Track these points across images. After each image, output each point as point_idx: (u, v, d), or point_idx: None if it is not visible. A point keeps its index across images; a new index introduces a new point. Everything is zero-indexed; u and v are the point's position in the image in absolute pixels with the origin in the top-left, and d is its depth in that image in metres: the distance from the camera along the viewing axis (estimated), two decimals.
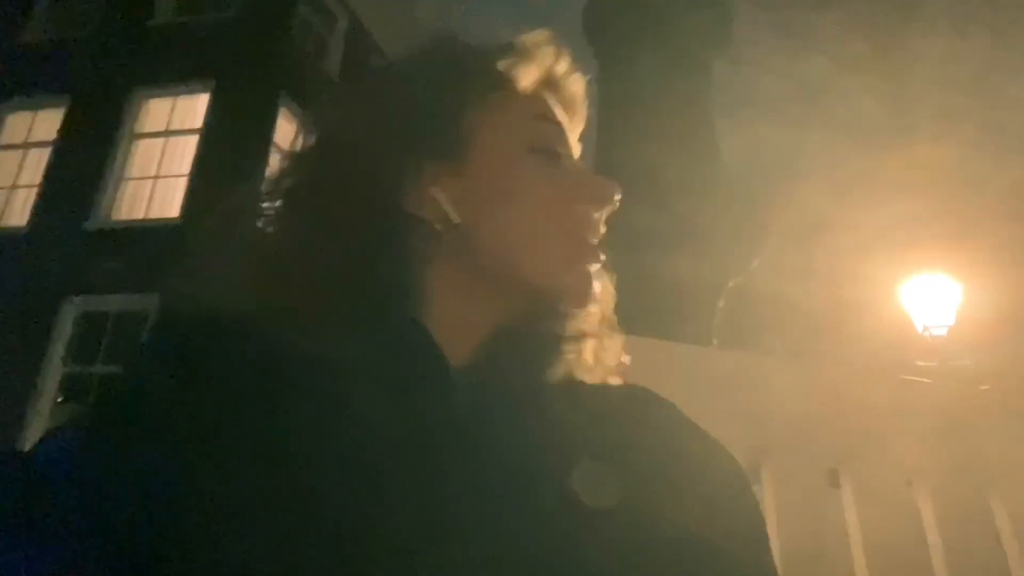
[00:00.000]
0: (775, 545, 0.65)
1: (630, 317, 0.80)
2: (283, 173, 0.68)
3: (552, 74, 0.73)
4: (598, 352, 0.70)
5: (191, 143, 10.56)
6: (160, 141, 10.86)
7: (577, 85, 0.75)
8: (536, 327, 0.66)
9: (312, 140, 0.71)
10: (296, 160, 0.69)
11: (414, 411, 0.57)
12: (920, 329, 7.74)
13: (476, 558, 0.52)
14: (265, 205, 0.68)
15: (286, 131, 10.73)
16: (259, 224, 0.69)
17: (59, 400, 9.42)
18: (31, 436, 8.65)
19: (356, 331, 0.60)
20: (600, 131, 2.82)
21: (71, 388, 9.48)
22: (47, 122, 11.34)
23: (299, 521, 0.50)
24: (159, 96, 11.03)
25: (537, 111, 0.70)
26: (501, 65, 0.70)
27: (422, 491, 0.53)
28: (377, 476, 0.53)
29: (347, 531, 0.51)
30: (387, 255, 0.62)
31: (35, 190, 10.96)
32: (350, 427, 0.55)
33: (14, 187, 11.24)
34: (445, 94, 0.68)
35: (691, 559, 0.56)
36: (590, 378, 0.68)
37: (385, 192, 0.64)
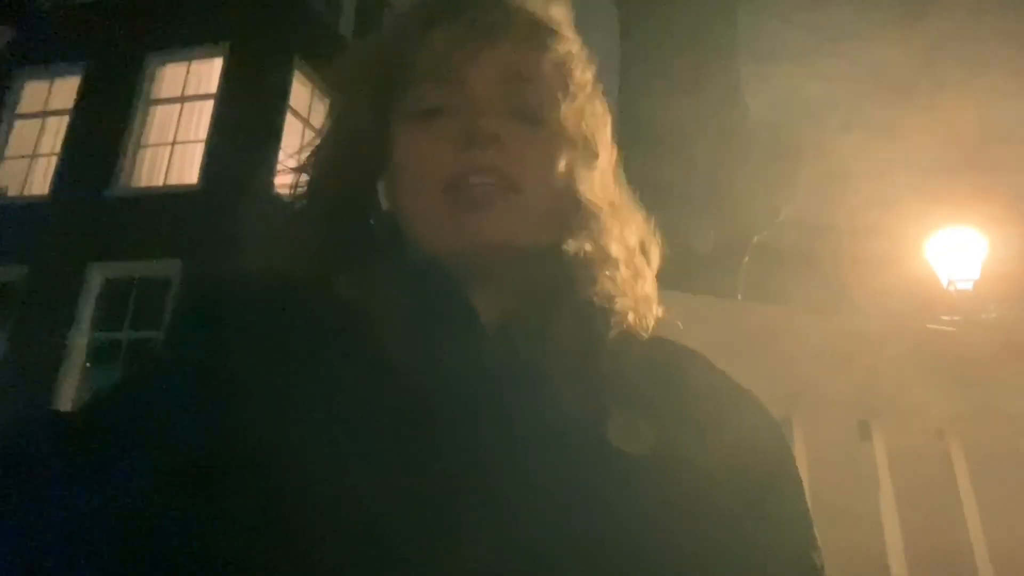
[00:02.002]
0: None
1: (660, 276, 0.79)
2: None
3: (430, 23, 0.68)
4: (637, 311, 0.69)
5: (207, 108, 10.56)
6: (176, 107, 10.87)
7: (452, 21, 0.68)
8: (560, 287, 0.66)
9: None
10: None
11: (447, 360, 0.57)
12: (945, 283, 7.67)
13: (512, 504, 0.52)
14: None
15: (301, 94, 10.69)
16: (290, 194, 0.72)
17: (88, 365, 9.59)
18: (62, 401, 8.84)
19: (384, 281, 0.61)
20: (622, 85, 2.77)
21: (99, 354, 9.64)
22: (64, 90, 11.37)
23: (338, 470, 0.51)
24: (174, 61, 11.01)
25: (416, 74, 0.67)
26: (399, 48, 0.69)
27: (458, 439, 0.53)
28: (411, 426, 0.53)
29: (385, 480, 0.51)
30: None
31: (55, 159, 11.04)
32: (384, 376, 0.55)
33: (34, 156, 11.32)
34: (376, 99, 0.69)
35: (725, 507, 0.56)
36: (625, 331, 0.68)
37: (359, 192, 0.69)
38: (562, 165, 0.67)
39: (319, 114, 10.76)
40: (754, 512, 0.58)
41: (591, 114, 0.72)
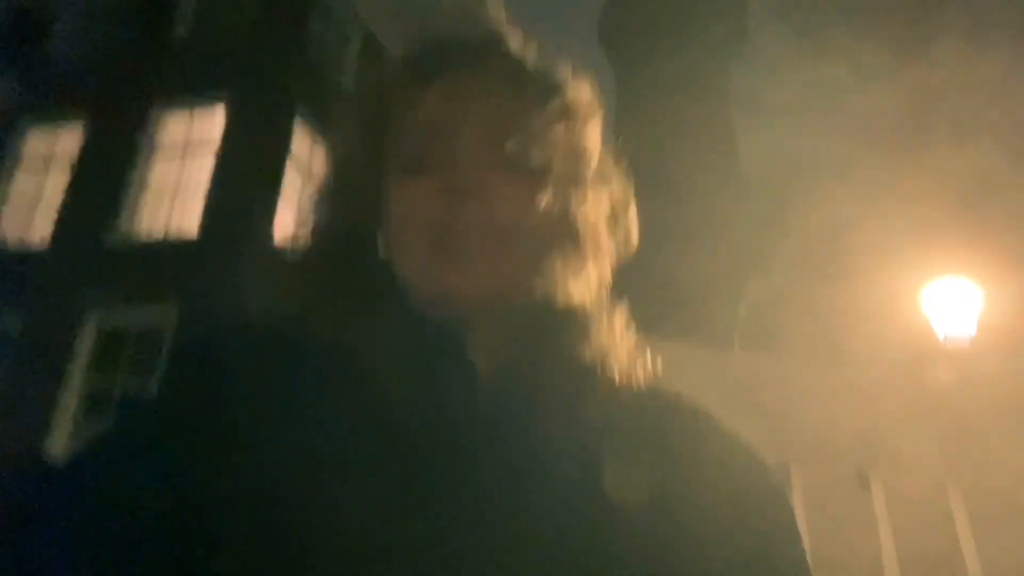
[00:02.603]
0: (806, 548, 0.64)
1: (654, 320, 0.79)
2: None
3: (422, 78, 0.69)
4: (628, 360, 0.69)
5: (208, 157, 10.65)
6: (178, 156, 10.96)
7: (440, 75, 0.68)
8: (554, 337, 0.66)
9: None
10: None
11: (443, 409, 0.57)
12: (941, 336, 7.67)
13: (510, 549, 0.51)
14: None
15: (302, 142, 10.81)
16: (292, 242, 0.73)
17: (79, 415, 9.49)
18: (54, 451, 8.73)
19: (380, 329, 0.61)
20: (616, 129, 2.81)
21: (92, 403, 9.55)
22: (67, 139, 11.48)
23: (335, 516, 0.51)
24: (177, 111, 11.14)
25: (406, 127, 0.68)
26: (392, 95, 0.70)
27: (454, 485, 0.53)
28: (409, 472, 0.53)
29: (383, 525, 0.51)
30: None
31: (56, 207, 11.09)
32: (382, 421, 0.55)
33: (36, 204, 11.38)
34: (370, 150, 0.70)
35: (721, 561, 0.55)
36: (621, 383, 0.67)
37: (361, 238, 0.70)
38: (552, 213, 0.66)
39: (319, 161, 10.89)
40: (753, 567, 0.57)
41: (590, 156, 0.72)
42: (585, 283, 0.71)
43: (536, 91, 0.69)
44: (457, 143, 0.65)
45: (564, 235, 0.68)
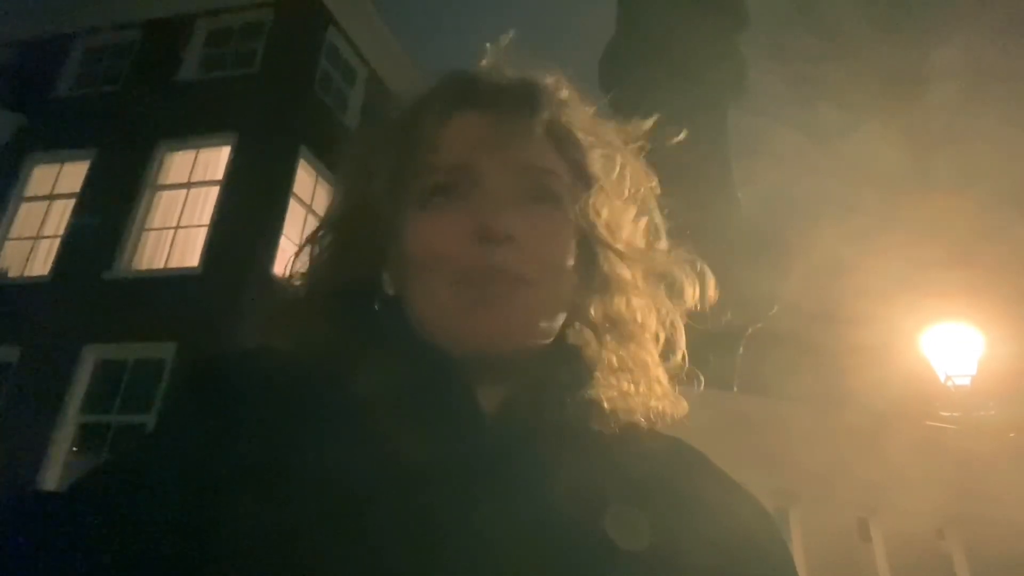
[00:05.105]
0: None
1: None
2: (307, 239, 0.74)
3: (448, 107, 0.68)
4: (637, 402, 0.69)
5: (212, 193, 10.71)
6: (182, 192, 11.04)
7: (472, 110, 0.68)
8: (563, 381, 0.65)
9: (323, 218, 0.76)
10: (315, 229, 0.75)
11: (447, 449, 0.57)
12: (942, 378, 7.64)
13: None
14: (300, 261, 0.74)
15: (305, 182, 10.89)
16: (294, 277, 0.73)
17: (74, 449, 9.41)
18: (47, 484, 8.64)
19: (386, 367, 0.61)
20: None
21: (87, 437, 9.48)
22: (73, 174, 11.56)
23: (335, 558, 0.50)
24: (183, 149, 11.24)
25: (430, 160, 0.66)
26: (407, 129, 0.69)
27: (456, 528, 0.53)
28: (413, 513, 0.53)
29: (386, 564, 0.50)
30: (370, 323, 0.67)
31: (58, 241, 11.13)
32: (388, 461, 0.55)
33: (38, 237, 11.42)
34: (382, 187, 0.69)
35: None
36: (625, 426, 0.67)
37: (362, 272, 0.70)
38: (579, 254, 0.67)
39: (321, 199, 10.95)
40: None
41: (616, 201, 0.72)
42: (600, 327, 0.71)
43: (565, 133, 0.70)
44: (487, 182, 0.64)
45: (590, 279, 0.69)
